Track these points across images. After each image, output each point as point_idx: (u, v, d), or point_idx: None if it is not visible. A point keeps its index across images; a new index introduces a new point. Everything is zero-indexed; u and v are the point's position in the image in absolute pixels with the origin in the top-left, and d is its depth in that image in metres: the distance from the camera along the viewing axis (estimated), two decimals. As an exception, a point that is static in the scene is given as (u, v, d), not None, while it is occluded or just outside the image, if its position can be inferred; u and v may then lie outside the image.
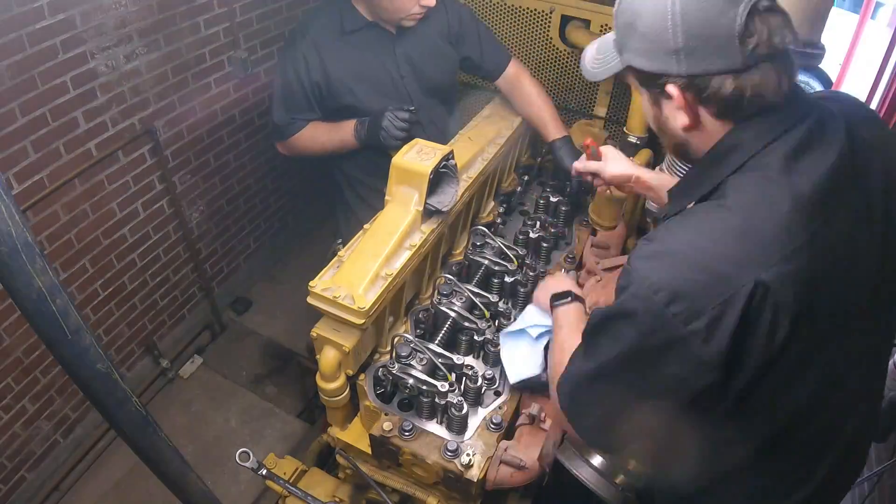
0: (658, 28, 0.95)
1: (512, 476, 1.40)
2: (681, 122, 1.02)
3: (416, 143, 1.66)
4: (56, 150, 2.39)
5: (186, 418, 3.14)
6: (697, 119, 1.01)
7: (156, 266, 3.10)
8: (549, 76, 2.70)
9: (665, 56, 0.96)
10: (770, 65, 0.93)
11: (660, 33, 0.95)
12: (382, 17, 2.06)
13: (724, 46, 0.92)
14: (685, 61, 0.94)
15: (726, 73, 0.93)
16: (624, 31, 1.02)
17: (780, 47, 0.92)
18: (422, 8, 2.00)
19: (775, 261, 0.89)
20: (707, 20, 0.91)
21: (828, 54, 1.50)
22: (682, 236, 0.96)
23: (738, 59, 0.92)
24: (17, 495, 2.69)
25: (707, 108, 0.99)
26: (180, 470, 1.05)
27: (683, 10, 0.92)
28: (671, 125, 1.05)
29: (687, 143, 1.07)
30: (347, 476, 1.70)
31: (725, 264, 0.90)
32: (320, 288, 1.44)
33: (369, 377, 1.56)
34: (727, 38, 0.91)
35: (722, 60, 0.93)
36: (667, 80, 0.98)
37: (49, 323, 0.74)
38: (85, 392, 0.85)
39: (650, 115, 1.10)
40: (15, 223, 0.66)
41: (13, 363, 2.50)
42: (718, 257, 0.91)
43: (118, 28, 2.44)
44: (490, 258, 1.80)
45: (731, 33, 0.90)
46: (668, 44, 0.94)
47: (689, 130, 1.03)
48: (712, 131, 1.02)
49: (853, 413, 1.15)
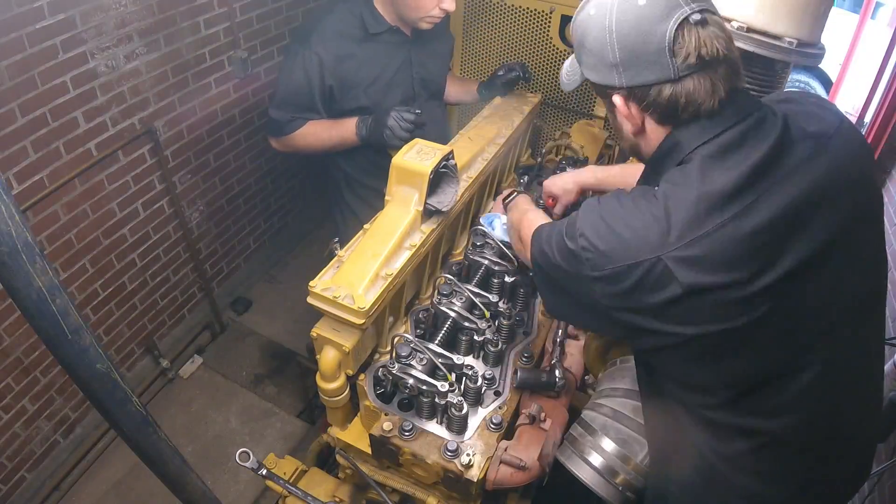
0: (599, 45, 1.06)
1: (512, 476, 1.40)
2: (629, 127, 1.14)
3: (416, 143, 1.65)
4: (56, 150, 2.39)
5: (186, 418, 3.14)
6: (642, 125, 1.12)
7: (156, 266, 3.10)
8: (549, 76, 2.70)
9: (607, 70, 1.08)
10: (704, 73, 1.02)
11: (601, 49, 1.06)
12: (404, 15, 2.06)
13: (656, 59, 1.01)
14: (624, 74, 1.06)
15: (662, 83, 1.03)
16: (578, 47, 1.14)
17: (709, 57, 1.00)
18: (441, 11, 2.02)
19: (678, 244, 0.99)
20: (638, 36, 1.01)
21: (828, 54, 1.50)
22: (614, 207, 1.09)
23: (671, 71, 1.01)
24: (17, 495, 2.69)
25: (649, 114, 1.10)
26: (180, 470, 1.06)
27: (618, 28, 1.03)
28: (623, 130, 1.17)
29: (638, 145, 1.18)
30: (347, 476, 1.69)
31: (635, 238, 1.02)
32: (320, 288, 1.44)
33: (369, 377, 1.56)
34: (658, 52, 1.01)
35: (656, 72, 1.02)
36: (612, 91, 1.10)
37: (49, 323, 0.74)
38: (85, 392, 0.85)
39: (612, 125, 1.22)
40: (15, 223, 0.66)
41: (13, 363, 2.50)
42: (631, 232, 1.03)
43: (118, 28, 2.44)
44: (490, 258, 1.80)
45: (662, 47, 1.00)
46: (608, 59, 1.06)
47: (637, 135, 1.15)
48: (657, 135, 1.12)
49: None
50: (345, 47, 2.05)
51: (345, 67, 2.06)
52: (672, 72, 1.01)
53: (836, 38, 4.67)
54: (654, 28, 1.00)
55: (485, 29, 2.71)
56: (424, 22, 2.05)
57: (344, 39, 2.06)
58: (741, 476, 1.16)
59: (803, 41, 1.38)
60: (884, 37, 4.31)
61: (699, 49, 0.99)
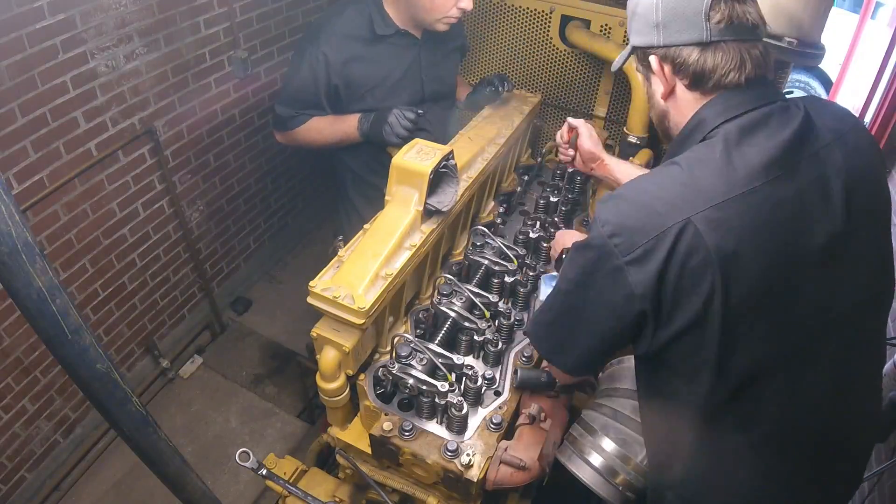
0: (647, 8, 1.13)
1: (512, 476, 1.40)
2: (660, 91, 1.19)
3: (416, 143, 1.65)
4: (56, 150, 2.39)
5: (186, 418, 3.14)
6: (673, 89, 1.17)
7: (156, 266, 3.10)
8: (549, 76, 2.70)
9: (649, 30, 1.14)
10: (734, 45, 1.08)
11: (647, 12, 1.13)
12: (418, 17, 2.06)
13: (693, 21, 1.08)
14: (662, 33, 1.12)
15: (693, 45, 1.09)
16: (630, 17, 1.20)
17: (739, 24, 1.07)
18: (459, 10, 2.02)
19: (706, 206, 1.00)
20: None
21: (828, 54, 1.50)
22: (634, 184, 1.12)
23: (704, 33, 1.07)
24: (17, 495, 2.69)
25: (680, 78, 1.15)
26: (180, 470, 1.06)
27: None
28: (656, 98, 1.21)
29: (667, 113, 1.22)
30: (347, 476, 1.69)
31: (662, 205, 1.03)
32: (320, 288, 1.44)
33: (369, 377, 1.56)
34: (695, 14, 1.07)
35: (691, 33, 1.09)
36: (651, 51, 1.16)
37: (49, 323, 0.74)
38: (85, 392, 0.85)
39: (647, 95, 1.26)
40: (15, 223, 0.66)
41: (13, 363, 2.50)
42: (657, 199, 1.04)
43: (118, 28, 2.44)
44: (490, 258, 1.80)
45: (699, 10, 1.07)
46: (651, 19, 1.13)
47: (668, 99, 1.19)
48: (685, 103, 1.17)
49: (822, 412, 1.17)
50: (352, 48, 2.06)
51: (351, 68, 2.07)
52: (705, 34, 1.07)
53: (836, 38, 4.67)
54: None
55: (485, 29, 2.71)
56: (441, 23, 2.05)
57: (352, 41, 2.06)
58: (739, 473, 1.16)
59: (803, 41, 1.38)
60: (884, 37, 4.31)
61: (731, 16, 1.06)
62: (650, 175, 1.13)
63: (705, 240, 0.99)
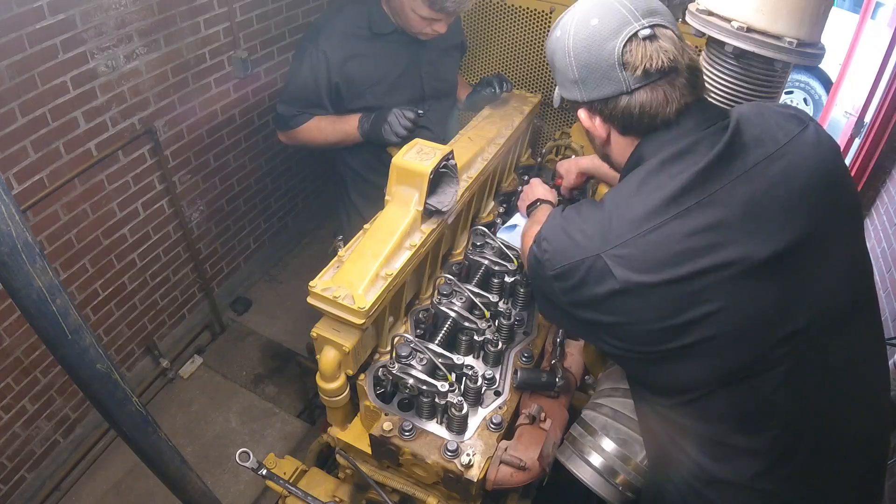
0: (563, 64, 1.15)
1: (512, 476, 1.40)
2: (597, 140, 1.23)
3: (416, 143, 1.65)
4: (56, 150, 2.39)
5: (186, 418, 3.14)
6: (608, 136, 1.20)
7: (156, 266, 3.10)
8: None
9: (571, 86, 1.17)
10: (656, 85, 1.09)
11: (564, 68, 1.16)
12: (400, 25, 2.09)
13: (610, 74, 1.09)
14: (583, 89, 1.14)
15: (618, 96, 1.11)
16: (551, 68, 1.23)
17: (655, 70, 1.07)
18: (434, 32, 2.05)
19: (615, 244, 1.07)
20: (591, 54, 1.10)
21: (828, 54, 1.50)
22: (573, 213, 1.19)
23: (623, 84, 1.09)
24: (17, 495, 2.69)
25: (612, 125, 1.17)
26: (180, 470, 1.06)
27: (575, 47, 1.12)
28: (595, 142, 1.26)
29: (609, 157, 1.27)
30: (347, 476, 1.69)
31: (582, 238, 1.12)
32: (320, 288, 1.44)
33: (369, 377, 1.56)
34: (609, 67, 1.09)
35: (611, 86, 1.11)
36: (577, 105, 1.20)
37: (49, 323, 0.74)
38: (85, 392, 0.85)
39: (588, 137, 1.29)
40: (15, 223, 0.66)
41: (13, 363, 2.50)
42: (579, 233, 1.13)
43: (118, 28, 2.44)
44: (490, 258, 1.80)
45: (612, 62, 1.08)
46: (569, 76, 1.15)
47: (605, 146, 1.24)
48: (623, 145, 1.20)
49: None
50: (352, 46, 2.06)
51: (351, 66, 2.07)
52: (624, 85, 1.09)
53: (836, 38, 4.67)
54: (605, 45, 1.08)
55: (485, 29, 2.71)
56: (420, 35, 2.08)
57: (351, 39, 2.07)
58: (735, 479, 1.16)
59: (803, 41, 1.38)
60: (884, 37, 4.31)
61: (644, 63, 1.06)
62: (585, 208, 1.19)
63: (613, 273, 1.06)
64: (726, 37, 1.43)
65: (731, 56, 1.46)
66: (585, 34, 1.10)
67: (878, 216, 3.48)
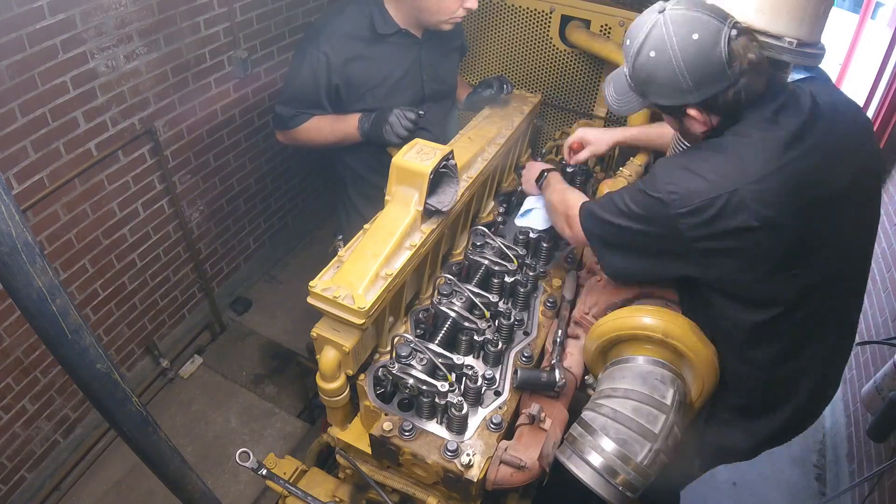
0: (672, 80, 1.31)
1: (512, 476, 1.40)
2: (699, 129, 1.39)
3: (416, 143, 1.65)
4: (56, 150, 2.39)
5: (186, 418, 3.14)
6: (711, 123, 1.38)
7: (156, 266, 3.10)
8: (549, 76, 2.70)
9: (682, 94, 1.32)
10: (753, 71, 1.27)
11: (674, 83, 1.31)
12: (422, 18, 2.06)
13: (720, 73, 1.27)
14: (697, 93, 1.30)
15: (728, 89, 1.29)
16: (644, 85, 1.37)
17: (756, 58, 1.27)
18: (465, 10, 2.03)
19: (750, 180, 1.25)
20: (703, 63, 1.26)
21: (828, 54, 1.50)
22: (688, 159, 1.36)
23: (731, 77, 1.27)
24: (17, 495, 2.69)
25: (717, 114, 1.36)
26: (180, 470, 1.06)
27: (686, 63, 1.27)
28: (692, 130, 1.42)
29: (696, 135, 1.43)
30: (347, 476, 1.70)
31: (713, 175, 1.28)
32: (320, 288, 1.44)
33: (369, 377, 1.56)
34: (719, 68, 1.26)
35: (721, 82, 1.28)
36: (687, 107, 1.35)
37: (49, 323, 0.74)
38: (85, 392, 0.85)
39: (673, 126, 1.49)
40: (15, 223, 0.66)
41: (13, 363, 2.50)
42: (709, 170, 1.29)
43: (118, 28, 2.44)
44: (490, 258, 1.80)
45: (721, 63, 1.26)
46: (682, 86, 1.30)
47: (707, 131, 1.40)
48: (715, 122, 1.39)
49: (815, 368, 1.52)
50: (353, 48, 2.06)
51: (352, 68, 2.07)
52: (732, 79, 1.27)
53: (836, 38, 4.67)
54: (711, 52, 1.25)
55: (485, 29, 2.71)
56: (447, 24, 2.06)
57: (352, 40, 2.06)
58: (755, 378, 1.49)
59: (803, 41, 1.38)
60: (884, 37, 4.31)
61: (747, 54, 1.26)
62: (700, 150, 1.36)
63: (750, 205, 1.24)
64: (726, 37, 1.43)
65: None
66: (693, 48, 1.26)
67: (878, 216, 3.47)
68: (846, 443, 3.02)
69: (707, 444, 1.64)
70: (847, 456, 2.96)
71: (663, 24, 1.28)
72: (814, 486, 3.06)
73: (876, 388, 2.70)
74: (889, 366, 2.58)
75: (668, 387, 1.39)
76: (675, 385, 1.40)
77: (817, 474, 3.10)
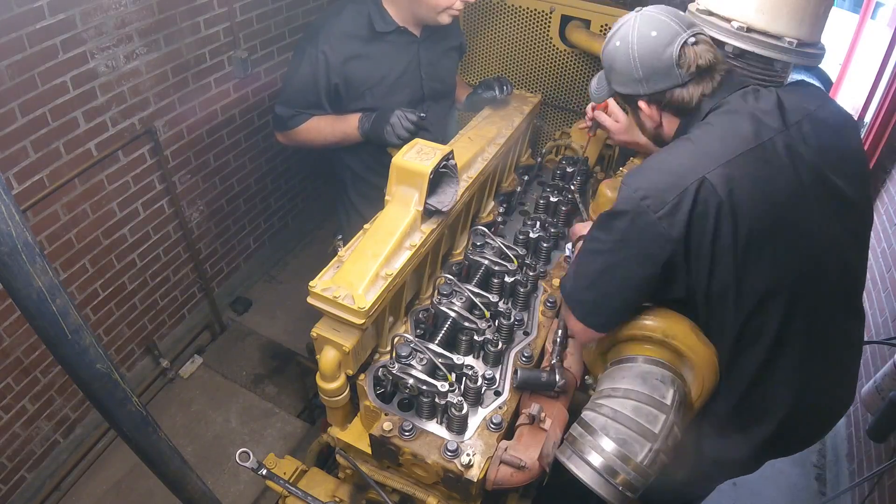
0: (627, 69, 1.42)
1: (512, 476, 1.40)
2: (650, 124, 1.51)
3: (416, 143, 1.65)
4: (56, 150, 2.39)
5: (186, 418, 3.14)
6: (661, 120, 1.49)
7: (156, 266, 3.10)
8: (549, 76, 2.70)
9: (633, 83, 1.44)
10: (703, 75, 1.38)
11: (629, 72, 1.42)
12: (421, 12, 2.06)
13: (668, 72, 1.38)
14: (646, 84, 1.42)
15: (674, 88, 1.40)
16: (609, 71, 1.51)
17: (705, 65, 1.37)
18: (462, 2, 2.02)
19: (715, 166, 1.28)
20: (653, 58, 1.38)
21: (828, 54, 1.50)
22: (655, 157, 1.40)
23: (679, 78, 1.38)
24: (17, 495, 2.69)
25: (665, 112, 1.47)
26: (180, 470, 1.06)
27: (640, 54, 1.39)
28: (646, 126, 1.54)
29: (659, 135, 1.54)
30: (347, 476, 1.69)
31: (681, 168, 1.31)
32: (320, 288, 1.44)
33: (369, 377, 1.56)
34: (669, 67, 1.37)
35: (669, 80, 1.39)
36: (638, 98, 1.47)
37: (49, 323, 0.74)
38: (85, 392, 0.85)
39: (636, 122, 1.58)
40: (15, 223, 0.66)
41: (13, 363, 2.50)
42: (677, 165, 1.32)
43: (118, 28, 2.44)
44: (490, 258, 1.80)
45: (670, 62, 1.37)
46: (634, 76, 1.42)
47: (658, 127, 1.51)
48: (673, 124, 1.49)
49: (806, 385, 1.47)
50: (352, 47, 2.06)
51: (351, 67, 2.07)
52: (679, 79, 1.38)
53: (836, 38, 4.67)
54: (664, 50, 1.36)
55: (485, 29, 2.71)
56: (445, 15, 2.05)
57: (351, 39, 2.06)
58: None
59: (803, 41, 1.38)
60: (884, 37, 4.31)
61: (696, 61, 1.36)
62: (667, 149, 1.40)
63: (717, 191, 1.26)
64: (726, 37, 1.43)
65: (731, 56, 1.46)
66: (648, 43, 1.37)
67: (877, 216, 3.48)
68: (846, 443, 3.02)
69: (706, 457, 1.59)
70: (847, 456, 2.96)
71: (633, 20, 1.42)
72: (814, 486, 3.06)
73: (876, 388, 2.70)
74: (889, 366, 2.58)
75: (668, 387, 1.39)
76: (675, 385, 1.40)
77: (817, 474, 3.10)
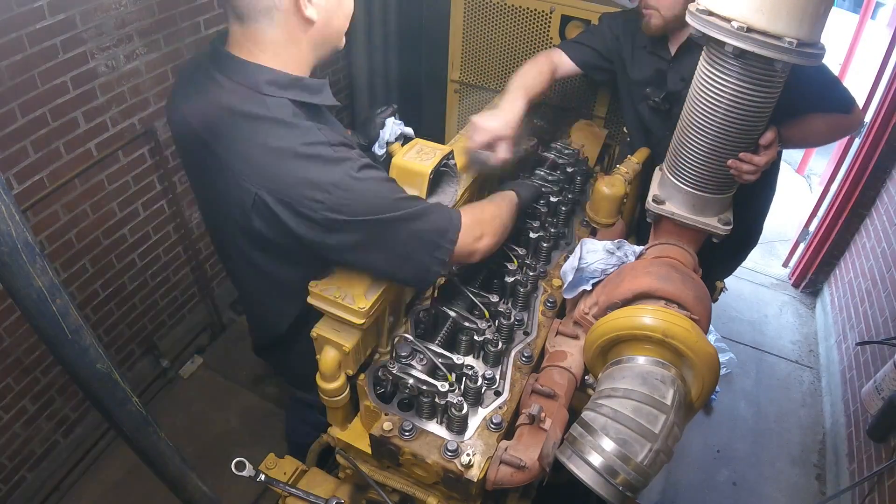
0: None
1: (512, 476, 1.40)
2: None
3: (416, 142, 1.65)
4: (56, 150, 2.39)
5: (186, 418, 3.14)
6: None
7: (156, 266, 3.10)
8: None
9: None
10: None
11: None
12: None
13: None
14: None
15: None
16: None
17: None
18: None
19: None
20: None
21: (828, 54, 1.50)
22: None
23: None
24: (17, 495, 2.69)
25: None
26: (180, 470, 1.06)
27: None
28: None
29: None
30: (347, 476, 1.69)
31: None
32: (320, 288, 1.44)
33: (369, 377, 1.56)
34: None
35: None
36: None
37: (49, 323, 0.74)
38: (85, 392, 0.85)
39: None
40: (15, 223, 0.66)
41: (13, 363, 2.50)
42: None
43: (118, 28, 2.44)
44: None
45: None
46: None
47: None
48: None
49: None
50: None
51: None
52: None
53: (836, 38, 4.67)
54: None
55: (485, 29, 2.71)
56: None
57: None
58: None
59: (803, 41, 1.38)
60: (884, 37, 4.31)
61: None
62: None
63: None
64: (726, 37, 1.43)
65: (730, 56, 1.46)
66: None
67: (878, 216, 3.48)
68: (846, 443, 3.02)
69: None
70: (847, 456, 2.96)
71: None
72: (814, 486, 3.06)
73: (876, 388, 2.70)
74: (889, 366, 2.58)
75: (668, 387, 1.39)
76: (675, 385, 1.40)
77: (817, 474, 3.11)
